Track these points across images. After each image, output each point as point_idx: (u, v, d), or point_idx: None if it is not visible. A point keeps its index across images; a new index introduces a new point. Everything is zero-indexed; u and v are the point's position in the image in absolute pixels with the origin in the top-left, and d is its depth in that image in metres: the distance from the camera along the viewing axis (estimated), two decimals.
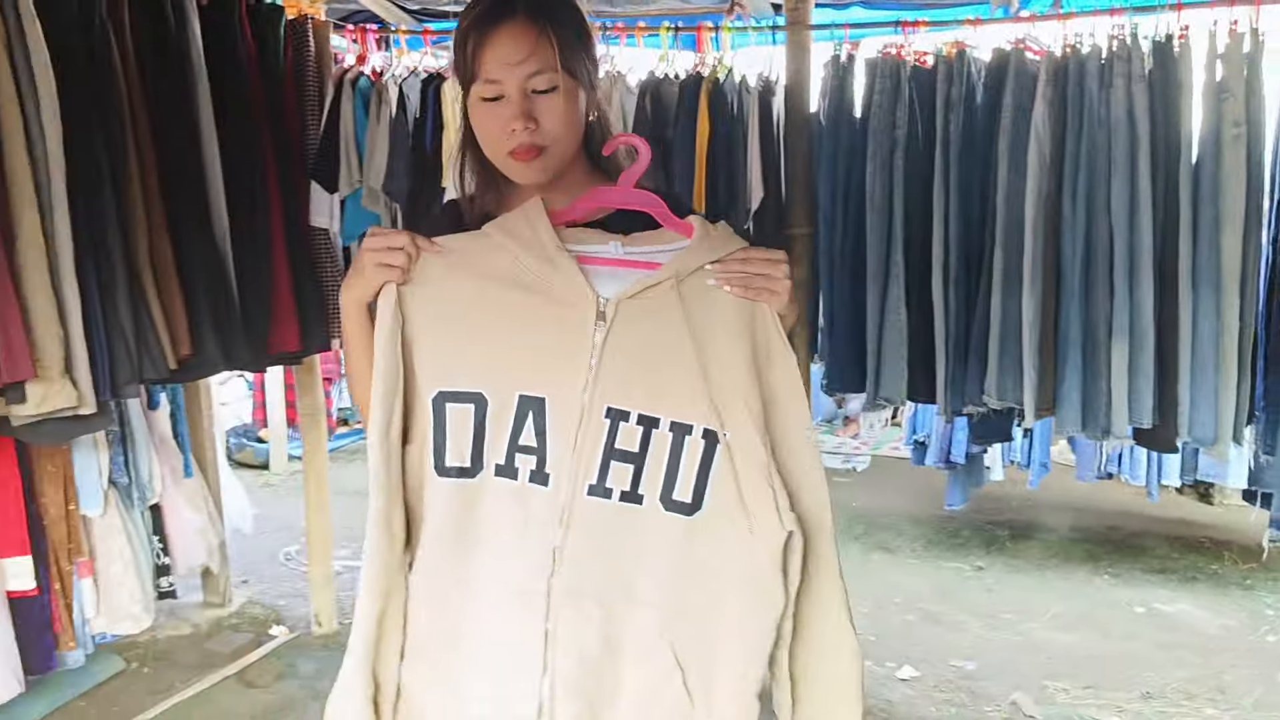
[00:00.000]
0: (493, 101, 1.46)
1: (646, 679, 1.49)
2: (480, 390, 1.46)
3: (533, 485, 1.45)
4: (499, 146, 1.49)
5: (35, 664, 3.27)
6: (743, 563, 1.46)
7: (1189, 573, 4.89)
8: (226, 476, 4.27)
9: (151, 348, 2.75)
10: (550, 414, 1.45)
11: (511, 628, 1.48)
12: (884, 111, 3.18)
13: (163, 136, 2.87)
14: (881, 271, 3.22)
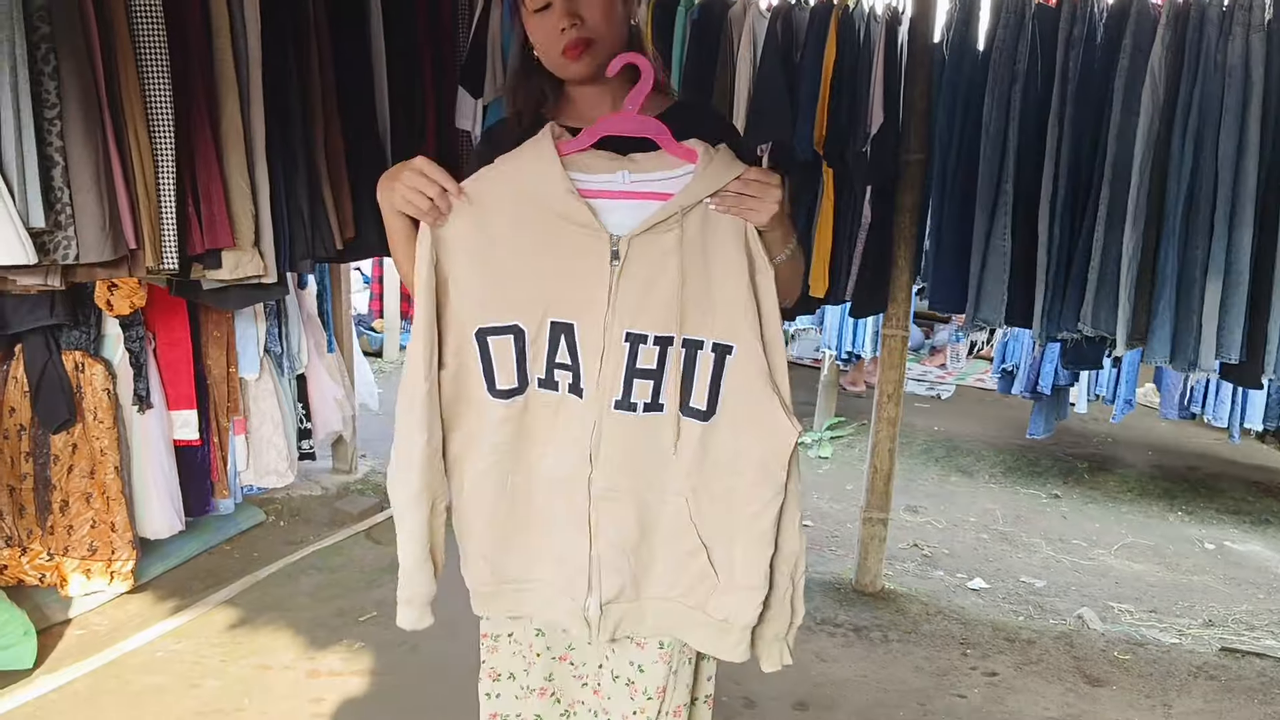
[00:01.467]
0: (543, 10, 1.65)
1: (677, 555, 1.74)
2: (516, 322, 1.66)
3: (571, 396, 1.68)
4: (553, 49, 1.67)
5: (193, 508, 3.66)
6: (755, 459, 1.69)
7: (1263, 515, 5.02)
8: (357, 357, 4.61)
9: (322, 228, 3.06)
10: (579, 337, 1.65)
11: (560, 515, 1.72)
12: (1006, 46, 3.32)
13: (339, 39, 3.14)
14: (990, 200, 3.39)
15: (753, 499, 1.72)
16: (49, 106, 2.32)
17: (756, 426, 1.69)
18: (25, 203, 2.28)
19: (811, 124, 3.42)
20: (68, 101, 2.34)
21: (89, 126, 2.37)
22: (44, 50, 2.29)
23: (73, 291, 3.04)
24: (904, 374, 3.76)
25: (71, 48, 2.33)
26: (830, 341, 5.77)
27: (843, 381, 6.39)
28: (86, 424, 3.29)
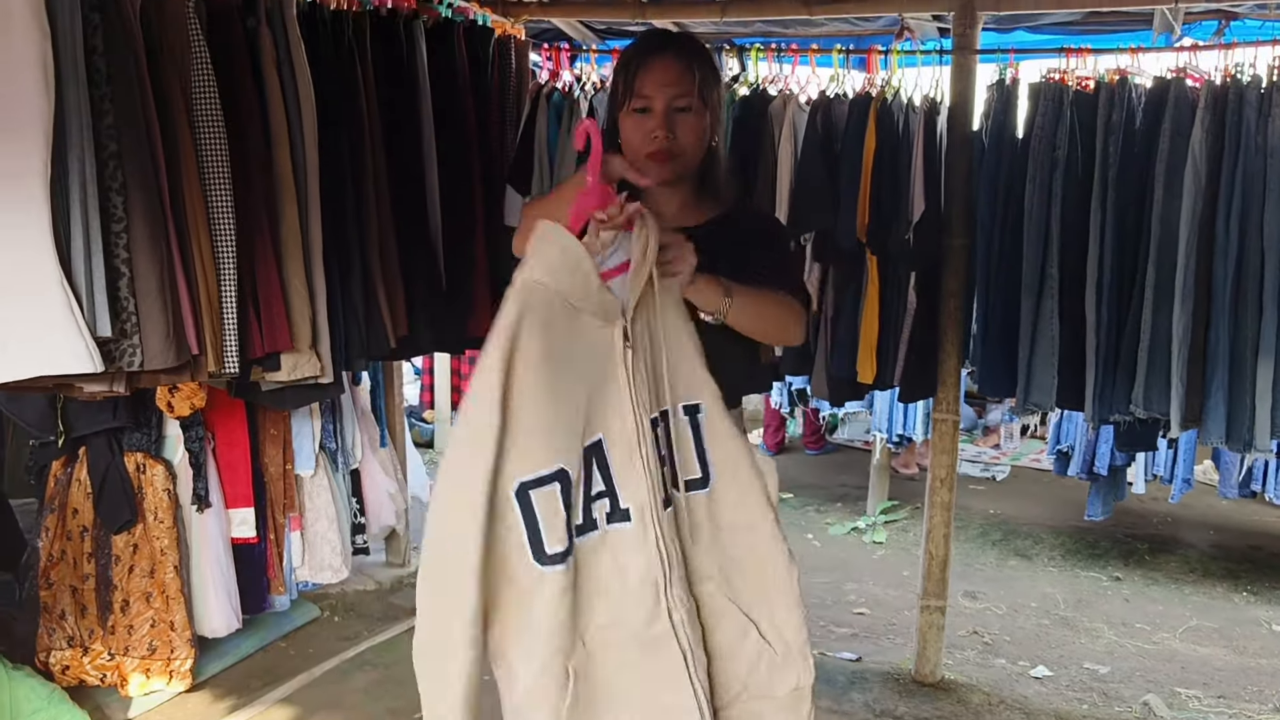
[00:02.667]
0: (642, 114, 1.86)
1: (727, 638, 1.73)
2: (561, 465, 1.53)
3: (614, 526, 1.58)
4: (640, 148, 1.87)
5: (250, 605, 3.69)
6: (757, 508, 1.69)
7: None
8: (410, 450, 4.66)
9: (377, 328, 3.13)
10: (609, 449, 1.59)
11: (651, 677, 1.61)
12: (1045, 133, 3.36)
13: (393, 144, 3.25)
14: (1036, 284, 3.41)
15: (773, 551, 1.71)
16: (116, 220, 2.41)
17: (748, 473, 1.69)
18: (93, 313, 2.36)
19: (854, 213, 3.47)
20: (133, 215, 2.43)
21: (154, 238, 2.46)
22: (112, 167, 2.39)
23: (135, 394, 3.12)
24: (956, 458, 3.74)
25: (138, 163, 2.43)
26: (881, 425, 5.74)
27: (894, 464, 6.34)
28: (147, 524, 3.35)
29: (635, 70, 1.88)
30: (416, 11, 3.42)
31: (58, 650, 3.37)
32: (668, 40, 1.97)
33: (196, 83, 2.62)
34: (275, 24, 2.84)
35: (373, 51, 3.19)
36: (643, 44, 1.96)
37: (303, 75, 2.85)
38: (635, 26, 4.22)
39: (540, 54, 4.04)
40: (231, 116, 2.67)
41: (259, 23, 2.81)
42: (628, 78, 1.88)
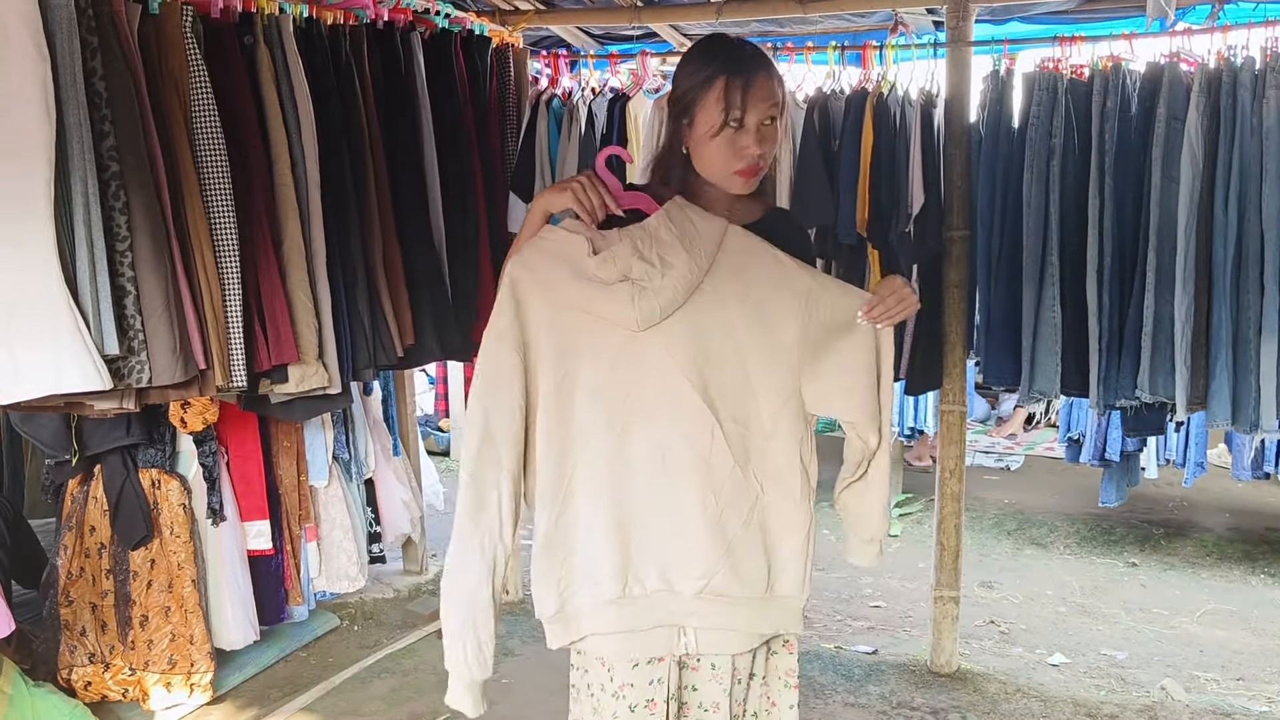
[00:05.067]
0: (736, 129, 1.85)
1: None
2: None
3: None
4: (730, 163, 1.88)
5: (268, 616, 3.72)
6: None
7: None
8: (423, 458, 4.69)
9: (384, 338, 3.17)
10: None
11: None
12: (1041, 122, 3.37)
13: (393, 154, 3.29)
14: (1037, 272, 3.41)
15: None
16: (120, 239, 2.45)
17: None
18: (100, 332, 2.40)
19: (854, 208, 3.49)
20: (137, 234, 2.47)
21: (158, 256, 2.50)
22: (114, 187, 2.43)
23: (148, 411, 3.16)
24: (965, 449, 3.75)
25: (140, 183, 2.47)
26: (892, 418, 5.75)
27: (908, 457, 6.35)
28: (164, 539, 3.39)
29: (732, 85, 1.84)
30: (413, 24, 3.46)
31: (79, 667, 3.41)
32: (750, 55, 1.91)
33: (196, 101, 2.66)
34: (273, 41, 2.88)
35: (371, 65, 3.23)
36: (723, 59, 1.89)
37: (301, 91, 2.89)
38: (632, 30, 4.25)
39: (539, 61, 4.07)
40: (231, 134, 2.72)
41: (256, 41, 2.85)
42: (722, 93, 1.84)
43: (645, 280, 1.81)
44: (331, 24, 3.14)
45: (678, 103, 1.93)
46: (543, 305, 1.85)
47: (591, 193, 1.87)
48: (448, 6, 3.64)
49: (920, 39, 3.95)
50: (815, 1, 3.69)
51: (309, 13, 3.06)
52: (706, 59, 1.90)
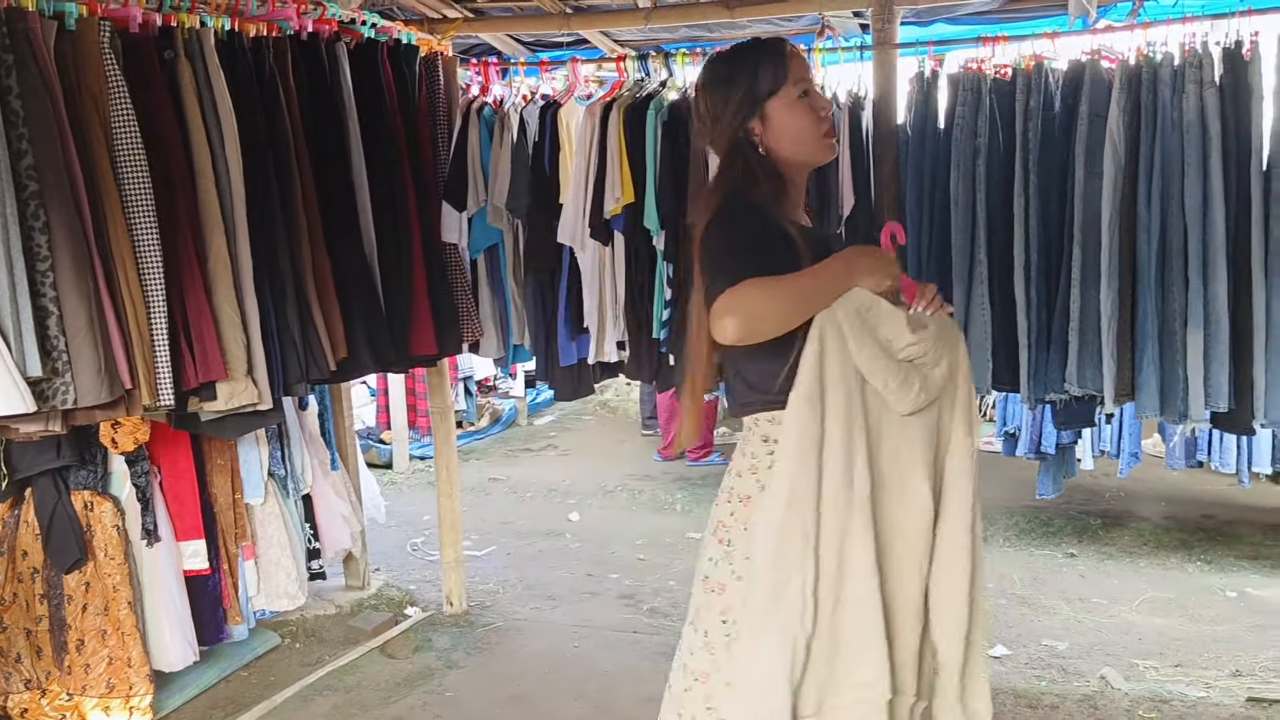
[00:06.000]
0: (805, 97, 1.97)
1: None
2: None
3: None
4: (818, 130, 1.99)
5: (207, 636, 3.67)
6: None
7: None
8: (363, 471, 4.65)
9: (315, 351, 3.14)
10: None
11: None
12: (966, 122, 3.42)
13: (321, 166, 3.27)
14: (966, 270, 3.46)
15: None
16: (41, 259, 2.41)
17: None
18: (22, 354, 2.36)
19: None
20: (59, 253, 2.43)
21: (80, 275, 2.47)
22: (33, 207, 2.40)
23: (78, 432, 3.11)
24: None
25: (60, 201, 2.43)
26: None
27: None
28: (98, 562, 3.34)
29: (782, 62, 1.98)
30: (339, 35, 3.43)
31: (15, 694, 3.35)
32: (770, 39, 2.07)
33: (116, 118, 2.62)
34: (194, 55, 2.85)
35: (295, 77, 3.20)
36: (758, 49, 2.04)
37: (224, 104, 2.86)
38: (562, 37, 4.25)
39: (469, 69, 4.05)
40: (153, 149, 2.68)
41: (177, 55, 2.82)
42: (776, 69, 1.97)
43: (926, 367, 1.85)
44: (254, 36, 3.10)
45: (742, 105, 1.97)
46: (840, 367, 1.82)
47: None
48: (374, 17, 3.62)
49: (847, 42, 3.98)
50: (743, 6, 3.72)
51: (231, 26, 3.03)
52: (747, 55, 2.03)
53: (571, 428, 8.15)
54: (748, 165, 1.98)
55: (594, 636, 4.17)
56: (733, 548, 2.05)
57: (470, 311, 3.90)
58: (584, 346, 3.84)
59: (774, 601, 1.83)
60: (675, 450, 6.88)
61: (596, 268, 3.72)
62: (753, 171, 1.98)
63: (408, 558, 5.17)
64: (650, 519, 5.82)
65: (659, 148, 3.60)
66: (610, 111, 3.62)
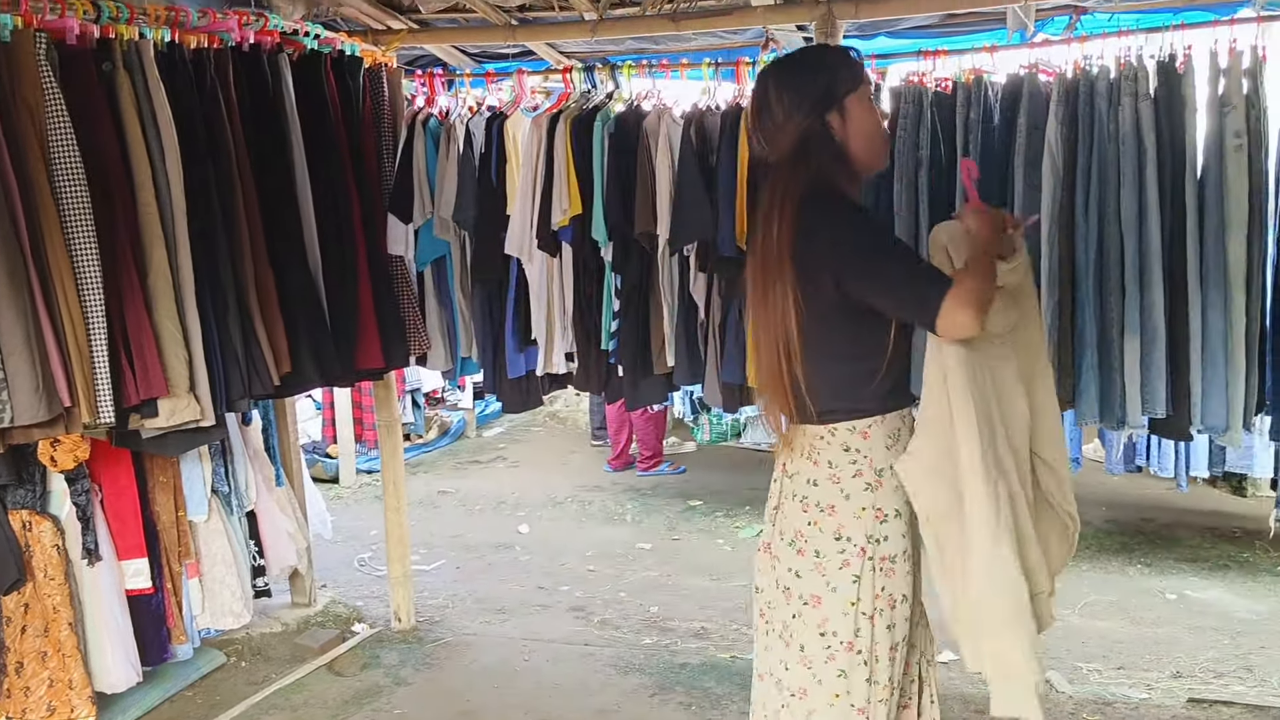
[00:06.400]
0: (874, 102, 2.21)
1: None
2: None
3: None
4: (883, 134, 2.22)
5: (150, 656, 3.60)
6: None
7: (1220, 561, 5.07)
8: (308, 486, 4.60)
9: (258, 366, 3.10)
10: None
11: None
12: (909, 134, 3.45)
13: (263, 179, 3.23)
14: None
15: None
16: None
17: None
18: None
19: (733, 222, 3.52)
20: None
21: (17, 292, 2.42)
22: None
23: (15, 450, 3.05)
24: None
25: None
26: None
27: None
28: (37, 582, 3.27)
29: (858, 64, 2.19)
30: (280, 46, 3.40)
31: None
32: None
33: (52, 131, 2.59)
34: (133, 67, 2.82)
35: (237, 89, 3.17)
36: (838, 48, 2.52)
37: (164, 117, 2.82)
38: (508, 49, 4.24)
39: (415, 80, 4.03)
40: (92, 163, 2.64)
41: (115, 67, 2.78)
42: (855, 69, 2.17)
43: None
44: (195, 48, 3.07)
45: (823, 98, 2.11)
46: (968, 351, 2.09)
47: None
48: (317, 28, 3.59)
49: None
50: (688, 19, 3.73)
51: (171, 37, 2.99)
52: (825, 54, 2.38)
53: (521, 439, 8.12)
54: (825, 155, 2.11)
55: (544, 650, 4.15)
56: (822, 558, 2.13)
57: (417, 324, 3.88)
58: (532, 358, 3.83)
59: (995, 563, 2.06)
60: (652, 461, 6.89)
61: (544, 279, 3.72)
62: (832, 161, 2.12)
63: (355, 573, 5.11)
64: (601, 530, 5.81)
65: (606, 159, 3.61)
66: (557, 123, 3.63)
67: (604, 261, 3.67)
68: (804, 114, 2.11)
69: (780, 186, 2.13)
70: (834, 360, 2.14)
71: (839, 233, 2.09)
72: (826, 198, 2.10)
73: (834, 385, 2.14)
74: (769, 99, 2.16)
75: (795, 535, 2.17)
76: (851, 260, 2.06)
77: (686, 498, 6.31)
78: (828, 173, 2.11)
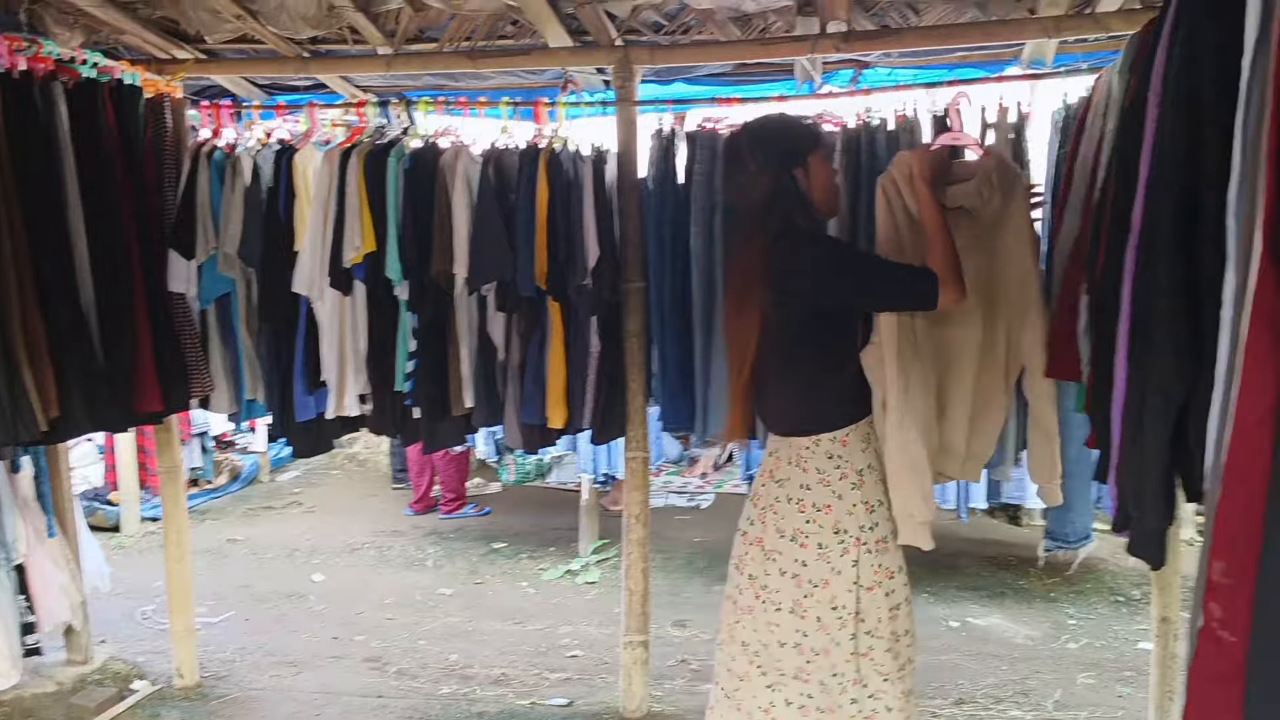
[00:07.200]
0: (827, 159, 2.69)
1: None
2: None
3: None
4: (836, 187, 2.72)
5: None
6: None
7: (999, 589, 5.32)
8: (85, 536, 4.32)
9: (24, 411, 2.90)
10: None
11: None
12: (703, 178, 3.54)
13: (31, 212, 3.03)
14: (707, 321, 3.57)
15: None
16: None
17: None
18: None
19: (532, 261, 3.52)
20: None
21: None
22: None
23: None
24: (648, 494, 3.85)
25: None
26: (586, 466, 5.83)
27: (604, 503, 6.45)
28: None
29: (818, 128, 2.74)
30: (54, 74, 3.21)
31: None
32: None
33: None
34: None
35: (5, 118, 2.97)
36: (801, 116, 2.88)
37: None
38: (300, 81, 4.14)
39: (201, 111, 3.87)
40: None
41: None
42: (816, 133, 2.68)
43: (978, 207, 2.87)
44: None
45: (791, 155, 2.57)
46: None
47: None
48: (96, 56, 3.41)
49: (590, 97, 4.06)
50: (485, 58, 3.73)
51: None
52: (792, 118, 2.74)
53: (318, 483, 7.87)
54: (794, 201, 2.56)
55: (336, 704, 4.00)
56: (825, 550, 2.60)
57: (199, 365, 3.71)
58: (322, 401, 3.72)
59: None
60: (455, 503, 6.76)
61: (336, 318, 3.62)
62: (798, 209, 2.57)
63: (137, 627, 4.83)
64: (400, 576, 5.67)
65: (401, 196, 3.55)
66: (350, 158, 3.55)
67: (399, 300, 3.61)
68: (774, 169, 2.55)
69: (753, 231, 2.57)
70: (810, 370, 2.62)
71: (822, 253, 2.59)
72: (799, 233, 2.56)
73: (812, 398, 2.64)
74: (742, 156, 2.60)
75: (795, 532, 2.62)
76: (842, 276, 2.54)
77: (490, 540, 6.24)
78: (795, 218, 2.56)
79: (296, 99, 4.22)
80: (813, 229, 2.62)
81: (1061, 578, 5.42)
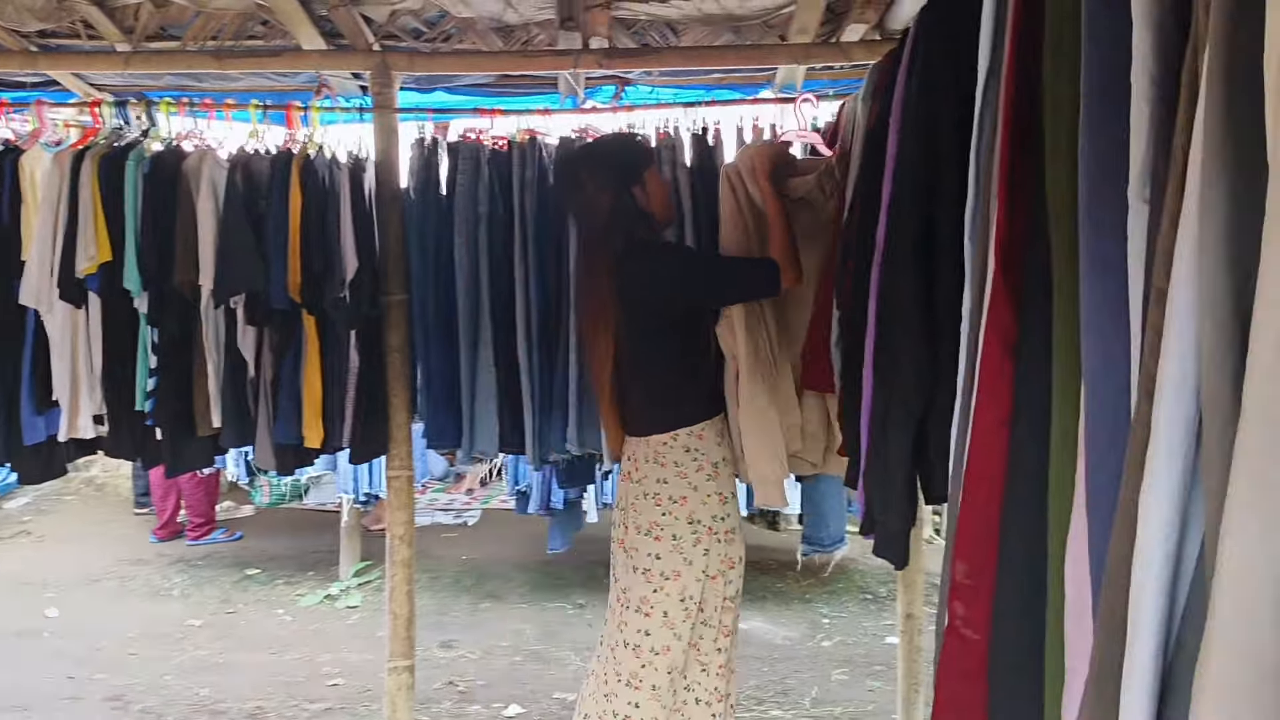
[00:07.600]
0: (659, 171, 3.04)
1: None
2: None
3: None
4: (670, 198, 3.07)
5: None
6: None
7: (760, 592, 5.49)
8: None
9: None
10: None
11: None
12: (467, 190, 3.47)
13: None
14: (472, 335, 3.49)
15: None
16: None
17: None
18: None
19: (285, 272, 3.35)
20: None
21: None
22: None
23: None
24: (413, 513, 3.73)
25: None
26: (346, 486, 5.64)
27: (365, 523, 6.25)
28: None
29: (648, 146, 3.13)
30: None
31: None
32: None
33: None
34: None
35: None
36: (634, 135, 3.24)
37: None
38: (28, 77, 3.82)
39: None
40: None
41: None
42: (648, 150, 3.03)
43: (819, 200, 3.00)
44: None
45: (629, 172, 2.80)
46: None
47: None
48: None
49: (347, 102, 3.92)
50: (233, 59, 3.53)
51: None
52: (626, 138, 3.12)
53: (50, 510, 7.29)
54: (634, 217, 2.79)
55: None
56: (679, 540, 2.73)
57: None
58: (54, 422, 3.42)
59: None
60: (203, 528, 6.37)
61: (68, 333, 3.34)
62: (640, 222, 2.80)
63: None
64: (144, 607, 5.32)
65: (140, 202, 3.32)
66: (83, 161, 3.29)
67: (139, 313, 3.36)
68: (613, 188, 2.75)
69: (599, 248, 2.78)
70: (666, 374, 2.81)
71: (670, 262, 2.85)
72: (644, 245, 2.81)
73: (670, 398, 2.81)
74: (580, 179, 2.82)
75: (651, 526, 2.75)
76: (691, 280, 2.74)
77: (244, 566, 5.94)
78: (637, 232, 2.78)
79: (22, 96, 3.87)
80: (654, 240, 2.86)
81: (817, 579, 5.64)
